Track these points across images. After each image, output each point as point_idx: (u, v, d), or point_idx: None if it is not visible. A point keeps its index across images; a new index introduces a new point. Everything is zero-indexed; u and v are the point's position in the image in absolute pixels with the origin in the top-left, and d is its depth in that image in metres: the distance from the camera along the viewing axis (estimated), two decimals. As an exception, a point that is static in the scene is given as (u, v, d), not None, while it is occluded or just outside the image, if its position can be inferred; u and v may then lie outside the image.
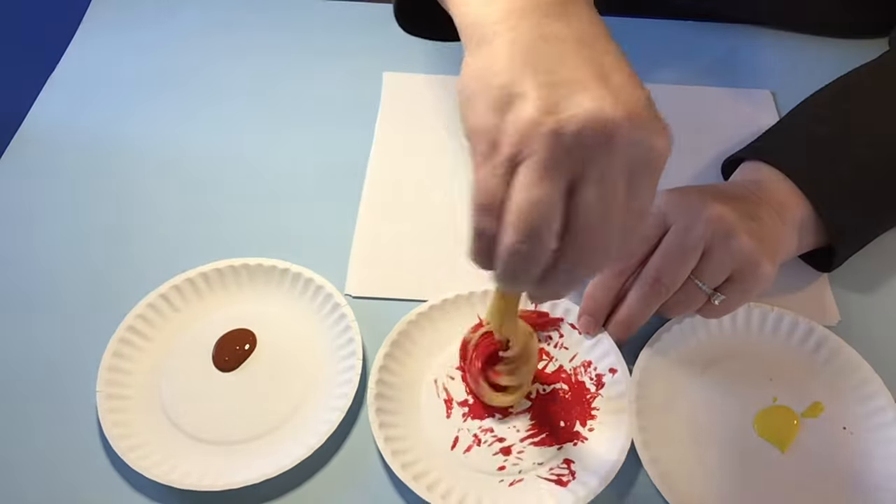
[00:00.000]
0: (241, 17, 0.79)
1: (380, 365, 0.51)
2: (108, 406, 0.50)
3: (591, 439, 0.49)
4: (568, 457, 0.49)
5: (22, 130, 0.68)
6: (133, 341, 0.53)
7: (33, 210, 0.62)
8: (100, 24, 0.78)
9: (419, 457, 0.48)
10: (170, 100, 0.71)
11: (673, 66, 0.74)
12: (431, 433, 0.50)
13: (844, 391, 0.52)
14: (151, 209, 0.63)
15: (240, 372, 0.53)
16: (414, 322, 0.53)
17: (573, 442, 0.49)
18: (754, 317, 0.54)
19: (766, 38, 0.76)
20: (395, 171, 0.65)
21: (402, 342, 0.53)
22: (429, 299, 0.55)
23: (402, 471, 0.47)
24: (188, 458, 0.49)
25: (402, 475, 0.46)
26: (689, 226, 0.48)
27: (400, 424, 0.50)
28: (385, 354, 0.52)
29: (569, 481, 0.47)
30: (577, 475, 0.48)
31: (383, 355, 0.52)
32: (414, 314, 0.54)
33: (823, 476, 0.49)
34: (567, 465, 0.48)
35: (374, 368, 0.51)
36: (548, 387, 0.52)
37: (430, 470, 0.48)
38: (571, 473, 0.48)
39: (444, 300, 0.55)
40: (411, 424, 0.50)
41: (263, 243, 0.60)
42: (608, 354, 0.52)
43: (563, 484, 0.47)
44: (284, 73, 0.73)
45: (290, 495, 0.48)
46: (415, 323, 0.54)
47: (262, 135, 0.68)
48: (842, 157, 0.54)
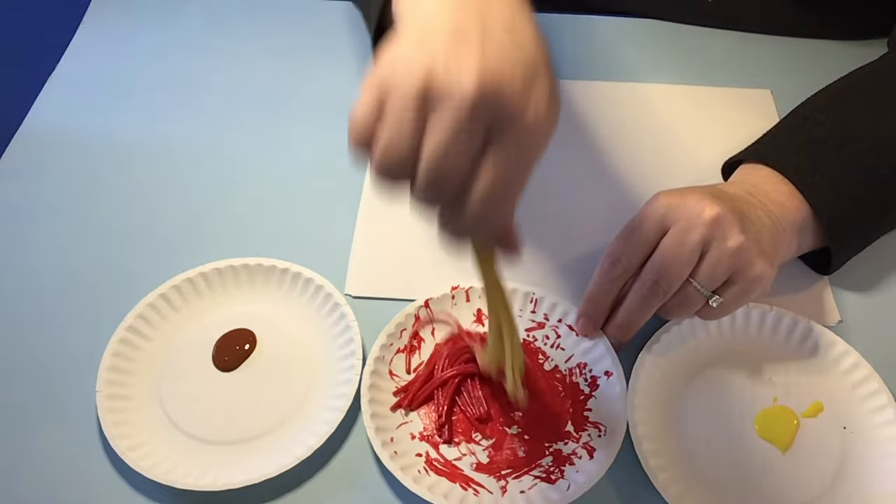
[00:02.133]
0: (241, 17, 0.79)
1: (371, 370, 0.51)
2: (108, 406, 0.50)
3: (582, 439, 0.50)
4: (558, 456, 0.49)
5: (22, 130, 0.68)
6: (133, 341, 0.53)
7: (33, 210, 0.62)
8: (100, 24, 0.78)
9: (415, 461, 0.49)
10: (170, 100, 0.71)
11: (673, 66, 0.74)
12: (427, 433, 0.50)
13: (844, 391, 0.52)
14: (151, 209, 0.63)
15: (240, 372, 0.53)
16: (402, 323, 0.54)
17: (563, 441, 0.50)
18: (754, 317, 0.54)
19: (765, 39, 0.76)
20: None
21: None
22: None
23: (402, 473, 0.47)
24: (188, 458, 0.49)
25: (400, 476, 0.47)
26: (688, 228, 0.48)
27: (392, 428, 0.50)
28: (376, 359, 0.52)
29: (557, 479, 0.48)
30: (565, 474, 0.48)
31: (374, 360, 0.52)
32: (402, 315, 0.54)
33: (824, 475, 0.49)
34: (556, 463, 0.49)
35: (365, 372, 0.51)
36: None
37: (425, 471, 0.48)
38: (560, 472, 0.48)
39: (430, 298, 0.55)
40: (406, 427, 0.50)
41: (263, 243, 0.60)
42: (604, 357, 0.52)
43: (552, 482, 0.48)
44: (284, 72, 0.73)
45: (290, 495, 0.48)
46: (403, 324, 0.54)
47: (262, 135, 0.68)
48: (841, 159, 0.54)
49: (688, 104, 0.71)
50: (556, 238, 0.61)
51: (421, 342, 0.54)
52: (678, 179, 0.62)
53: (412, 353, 0.53)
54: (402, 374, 0.52)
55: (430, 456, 0.49)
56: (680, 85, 0.72)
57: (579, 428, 0.50)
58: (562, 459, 0.49)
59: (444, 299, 0.55)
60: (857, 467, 0.49)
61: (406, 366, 0.53)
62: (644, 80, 0.72)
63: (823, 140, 0.55)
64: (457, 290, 0.55)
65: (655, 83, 0.72)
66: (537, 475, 0.48)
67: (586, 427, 0.50)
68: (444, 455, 0.49)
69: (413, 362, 0.53)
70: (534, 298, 0.55)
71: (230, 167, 0.65)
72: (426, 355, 0.53)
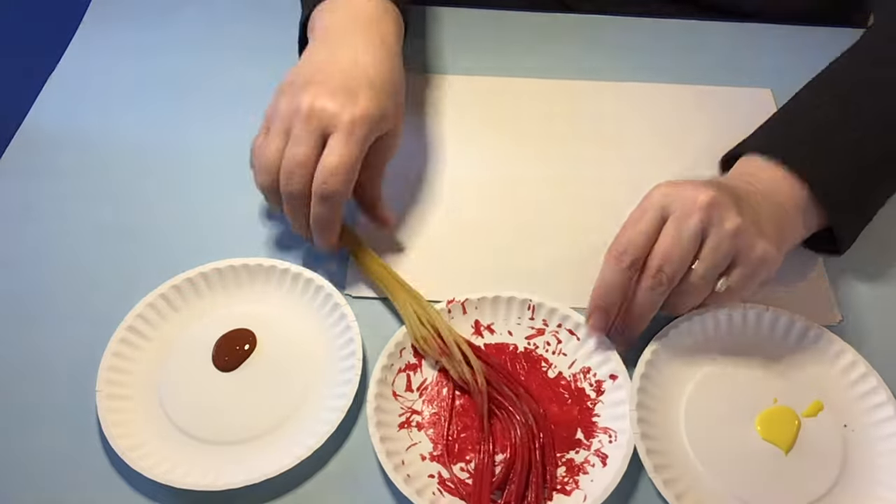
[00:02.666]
0: (241, 17, 0.79)
1: (375, 392, 0.50)
2: (108, 406, 0.50)
3: (593, 447, 0.49)
4: (571, 466, 0.48)
5: (22, 130, 0.68)
6: (133, 341, 0.53)
7: (33, 210, 0.62)
8: (100, 24, 0.78)
9: (422, 470, 0.48)
10: (170, 99, 0.71)
11: (673, 66, 0.74)
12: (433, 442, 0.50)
13: (844, 389, 0.52)
14: (151, 209, 0.63)
15: (240, 372, 0.53)
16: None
17: (575, 450, 0.49)
18: (753, 318, 0.54)
19: (765, 37, 0.76)
20: (394, 170, 0.65)
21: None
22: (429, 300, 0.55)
23: (406, 484, 0.46)
24: (188, 458, 0.49)
25: (405, 490, 0.46)
26: (686, 214, 0.49)
27: (400, 438, 0.50)
28: (378, 381, 0.51)
29: (573, 490, 0.47)
30: (580, 484, 0.47)
31: (376, 382, 0.51)
32: (401, 334, 0.53)
33: (826, 474, 0.49)
34: (570, 474, 0.48)
35: (370, 395, 0.50)
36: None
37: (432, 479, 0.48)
38: (575, 482, 0.47)
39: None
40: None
41: (263, 243, 0.60)
42: (608, 361, 0.52)
43: (567, 493, 0.47)
44: (284, 72, 0.73)
45: (290, 495, 0.48)
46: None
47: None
48: (832, 135, 0.55)
49: (688, 104, 0.71)
50: (555, 241, 0.61)
51: (421, 360, 0.53)
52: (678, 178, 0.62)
53: (414, 371, 0.53)
54: (404, 393, 0.52)
55: (442, 476, 0.48)
56: (680, 84, 0.72)
57: (589, 435, 0.50)
58: (575, 469, 0.48)
59: (443, 317, 0.54)
60: (860, 465, 0.49)
61: (407, 384, 0.52)
62: (644, 79, 0.72)
63: (813, 123, 0.56)
64: (452, 304, 0.55)
65: (656, 83, 0.72)
66: (549, 486, 0.47)
67: (596, 433, 0.50)
68: (455, 475, 0.48)
69: (414, 381, 0.52)
70: (531, 305, 0.55)
71: (230, 167, 0.65)
72: (427, 373, 0.53)
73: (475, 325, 0.55)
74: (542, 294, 0.55)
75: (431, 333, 0.52)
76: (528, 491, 0.47)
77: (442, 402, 0.51)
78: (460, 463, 0.49)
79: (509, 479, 0.47)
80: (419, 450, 0.49)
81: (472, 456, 0.49)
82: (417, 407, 0.51)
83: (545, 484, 0.47)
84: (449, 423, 0.50)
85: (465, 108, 0.70)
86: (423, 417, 0.51)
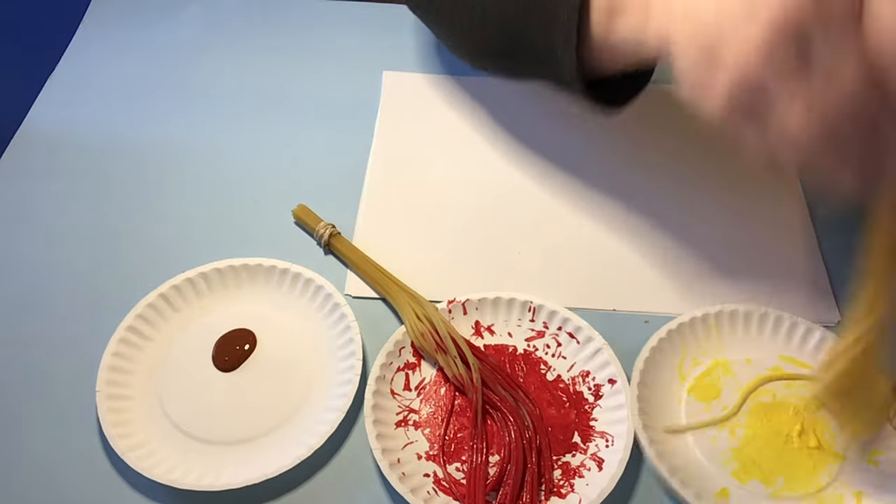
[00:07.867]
0: (241, 17, 0.79)
1: (374, 390, 0.50)
2: (108, 406, 0.50)
3: (590, 450, 0.49)
4: (567, 469, 0.48)
5: (22, 130, 0.68)
6: (133, 341, 0.53)
7: (33, 210, 0.62)
8: (100, 24, 0.78)
9: (417, 469, 0.48)
10: (170, 100, 0.71)
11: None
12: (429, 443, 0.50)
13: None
14: (151, 209, 0.63)
15: (240, 372, 0.53)
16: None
17: (571, 453, 0.49)
18: (754, 318, 0.54)
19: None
20: (395, 171, 0.65)
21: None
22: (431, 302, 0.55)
23: (401, 483, 0.46)
24: (188, 458, 0.49)
25: (399, 488, 0.46)
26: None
27: (397, 436, 0.50)
28: (377, 378, 0.51)
29: (568, 493, 0.47)
30: (575, 487, 0.47)
31: (375, 379, 0.51)
32: (400, 333, 0.53)
33: (830, 467, 0.49)
34: (565, 477, 0.48)
35: (368, 393, 0.50)
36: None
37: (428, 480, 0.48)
38: (570, 486, 0.48)
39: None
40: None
41: (263, 243, 0.60)
42: (607, 365, 0.52)
43: (563, 496, 0.47)
44: (284, 72, 0.74)
45: (290, 495, 0.48)
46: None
47: (262, 135, 0.68)
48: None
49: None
50: (555, 242, 0.61)
51: (420, 359, 0.53)
52: (678, 178, 0.62)
53: (413, 370, 0.53)
54: (403, 392, 0.52)
55: (437, 476, 0.48)
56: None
57: (586, 439, 0.50)
58: (571, 472, 0.48)
59: (441, 313, 0.54)
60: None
61: (405, 383, 0.52)
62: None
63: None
64: (453, 304, 0.55)
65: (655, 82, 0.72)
66: (545, 489, 0.47)
67: (593, 437, 0.50)
68: (450, 474, 0.48)
69: (413, 380, 0.52)
70: (532, 307, 0.55)
71: (230, 167, 0.65)
72: (426, 372, 0.53)
73: (475, 325, 0.55)
74: (543, 296, 0.55)
75: (429, 329, 0.52)
76: (522, 492, 0.47)
77: (440, 402, 0.51)
78: (456, 463, 0.49)
79: (504, 481, 0.47)
80: (415, 448, 0.49)
81: (468, 456, 0.49)
82: (415, 406, 0.51)
83: (540, 486, 0.47)
84: (446, 422, 0.50)
85: (467, 108, 0.70)
86: (421, 416, 0.51)
